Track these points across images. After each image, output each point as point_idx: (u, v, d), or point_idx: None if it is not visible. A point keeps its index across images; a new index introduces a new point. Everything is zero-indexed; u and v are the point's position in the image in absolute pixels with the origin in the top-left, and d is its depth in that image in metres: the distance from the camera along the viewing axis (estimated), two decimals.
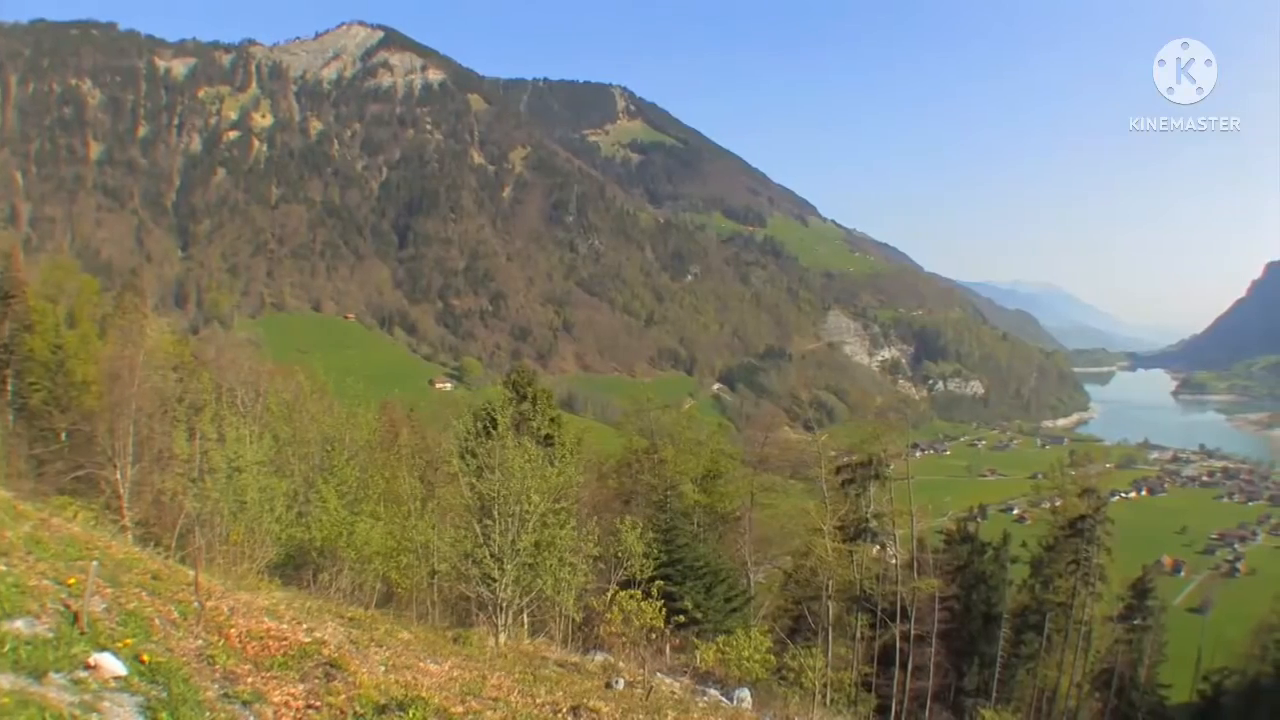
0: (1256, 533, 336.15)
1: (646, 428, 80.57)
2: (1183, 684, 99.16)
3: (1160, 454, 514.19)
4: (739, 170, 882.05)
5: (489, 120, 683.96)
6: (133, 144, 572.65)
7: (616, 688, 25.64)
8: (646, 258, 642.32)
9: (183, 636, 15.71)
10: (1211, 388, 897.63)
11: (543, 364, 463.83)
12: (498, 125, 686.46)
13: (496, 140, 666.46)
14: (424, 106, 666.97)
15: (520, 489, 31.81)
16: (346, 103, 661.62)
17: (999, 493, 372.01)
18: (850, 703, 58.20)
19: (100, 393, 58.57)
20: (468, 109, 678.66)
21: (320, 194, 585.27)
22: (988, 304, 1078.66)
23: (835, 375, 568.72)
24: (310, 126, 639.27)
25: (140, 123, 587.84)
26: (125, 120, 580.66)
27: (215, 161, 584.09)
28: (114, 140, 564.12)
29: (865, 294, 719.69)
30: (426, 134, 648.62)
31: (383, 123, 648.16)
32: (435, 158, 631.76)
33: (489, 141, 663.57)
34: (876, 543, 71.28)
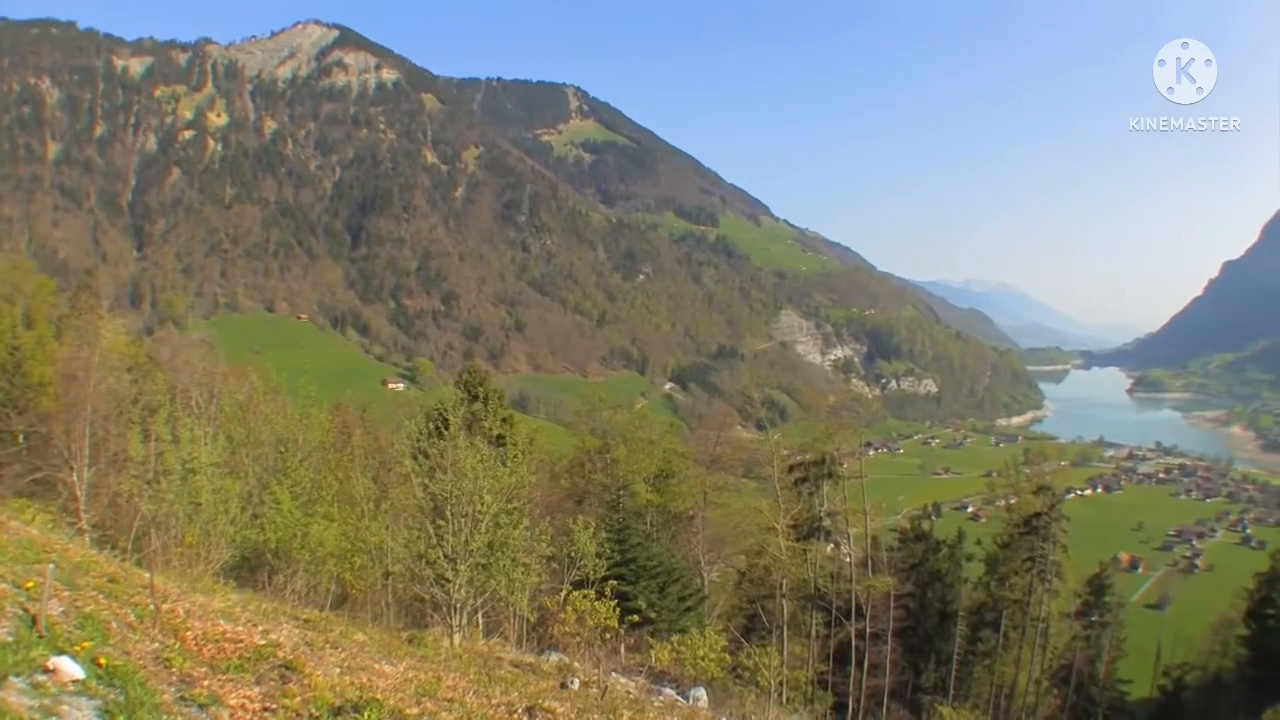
0: (1215, 529, 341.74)
1: (599, 427, 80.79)
2: (1143, 679, 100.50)
3: (1116, 452, 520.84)
4: (691, 170, 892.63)
5: (442, 120, 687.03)
6: (89, 143, 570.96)
7: (571, 688, 25.79)
8: (599, 257, 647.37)
9: (139, 639, 15.83)
10: (1167, 386, 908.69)
11: (495, 364, 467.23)
12: (451, 125, 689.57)
13: (449, 140, 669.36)
14: (378, 106, 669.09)
15: (473, 489, 31.96)
16: (301, 102, 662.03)
17: (953, 491, 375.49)
18: (807, 701, 58.60)
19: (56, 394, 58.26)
20: (421, 108, 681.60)
21: (274, 194, 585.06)
22: (941, 303, 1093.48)
23: (787, 374, 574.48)
24: (265, 126, 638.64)
25: (97, 122, 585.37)
26: (83, 119, 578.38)
27: (170, 161, 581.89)
28: (71, 139, 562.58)
29: (818, 293, 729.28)
30: (380, 133, 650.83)
31: (337, 122, 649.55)
32: (388, 157, 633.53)
33: (442, 141, 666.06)
34: (830, 541, 71.68)
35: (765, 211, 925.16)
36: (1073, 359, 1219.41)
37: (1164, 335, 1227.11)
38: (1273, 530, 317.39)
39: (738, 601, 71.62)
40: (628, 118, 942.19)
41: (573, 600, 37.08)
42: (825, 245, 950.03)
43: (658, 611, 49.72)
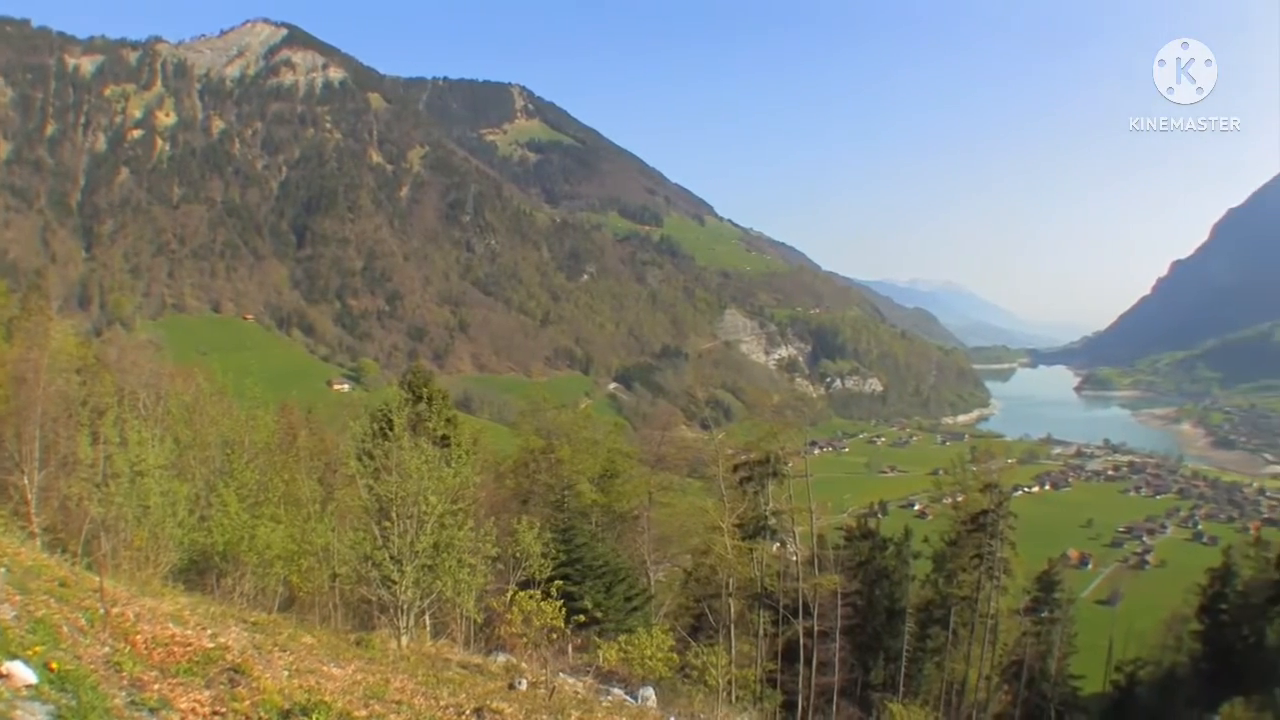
0: (1166, 525, 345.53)
1: (543, 427, 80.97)
2: (1095, 675, 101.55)
3: (1064, 449, 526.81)
4: (636, 170, 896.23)
5: (388, 119, 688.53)
6: (40, 143, 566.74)
7: (519, 689, 26.03)
8: (543, 257, 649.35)
9: (90, 643, 15.99)
10: (1115, 384, 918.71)
11: (439, 364, 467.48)
12: (397, 124, 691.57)
13: (395, 140, 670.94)
14: (324, 105, 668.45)
15: (417, 490, 32.08)
16: (248, 101, 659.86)
17: (899, 489, 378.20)
18: (756, 699, 59.04)
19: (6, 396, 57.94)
20: (367, 108, 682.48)
21: (221, 194, 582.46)
22: (886, 302, 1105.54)
23: (732, 374, 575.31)
24: (212, 125, 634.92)
25: (49, 121, 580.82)
26: (34, 119, 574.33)
27: (119, 161, 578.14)
28: (23, 139, 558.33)
29: (762, 293, 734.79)
30: (326, 133, 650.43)
31: (283, 121, 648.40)
32: (334, 157, 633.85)
33: (387, 141, 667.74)
34: (776, 540, 72.13)
35: (709, 211, 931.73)
36: (1019, 357, 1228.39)
37: (1112, 334, 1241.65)
38: (1224, 526, 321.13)
39: (684, 601, 71.96)
40: (573, 117, 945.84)
41: (519, 601, 37.01)
42: (769, 245, 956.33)
43: (604, 611, 49.91)
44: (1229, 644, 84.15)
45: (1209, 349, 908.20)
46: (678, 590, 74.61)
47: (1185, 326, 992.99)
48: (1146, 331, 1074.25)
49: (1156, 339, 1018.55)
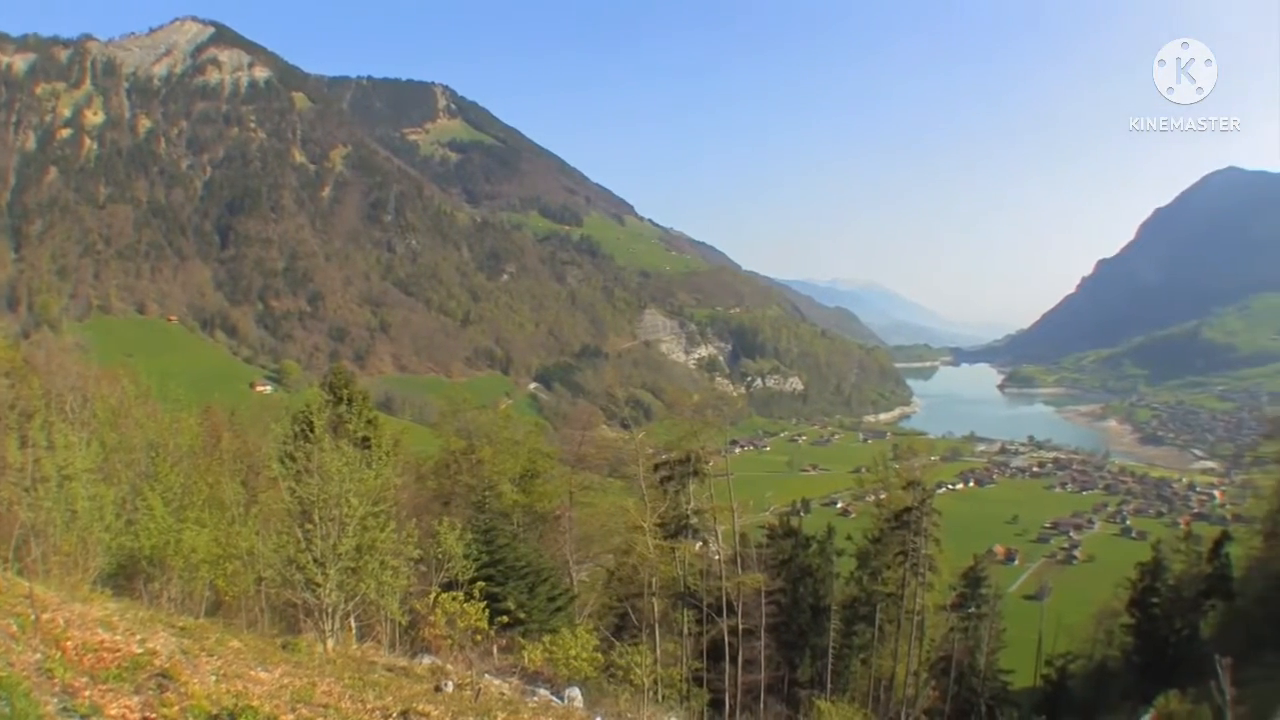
0: (1093, 520, 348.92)
1: (464, 428, 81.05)
2: (1026, 669, 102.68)
3: (988, 446, 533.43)
4: (557, 170, 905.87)
5: (311, 119, 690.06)
6: None
7: (446, 690, 26.38)
8: (463, 257, 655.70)
9: (22, 650, 16.23)
10: (1039, 381, 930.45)
11: (360, 365, 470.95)
12: (320, 124, 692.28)
13: (318, 139, 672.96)
14: (249, 105, 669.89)
15: (339, 492, 32.13)
16: (175, 100, 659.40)
17: (821, 487, 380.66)
18: (682, 698, 59.33)
19: None
20: (291, 107, 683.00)
21: (146, 193, 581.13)
22: (807, 302, 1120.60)
23: (652, 374, 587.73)
24: (139, 125, 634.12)
25: None
26: None
27: (48, 160, 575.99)
28: None
29: (682, 293, 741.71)
30: (250, 132, 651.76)
31: (209, 121, 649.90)
32: (258, 156, 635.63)
33: (311, 140, 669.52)
34: (698, 539, 72.23)
35: (630, 211, 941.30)
36: (942, 356, 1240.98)
37: (1035, 332, 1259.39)
38: (1153, 521, 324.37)
39: (608, 600, 71.97)
40: (495, 117, 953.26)
41: (442, 602, 37.44)
42: (689, 244, 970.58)
43: (528, 612, 50.18)
44: (1162, 637, 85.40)
45: (1135, 346, 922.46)
46: (601, 590, 74.41)
47: (1111, 324, 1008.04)
48: (1071, 330, 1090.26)
49: (1081, 337, 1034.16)
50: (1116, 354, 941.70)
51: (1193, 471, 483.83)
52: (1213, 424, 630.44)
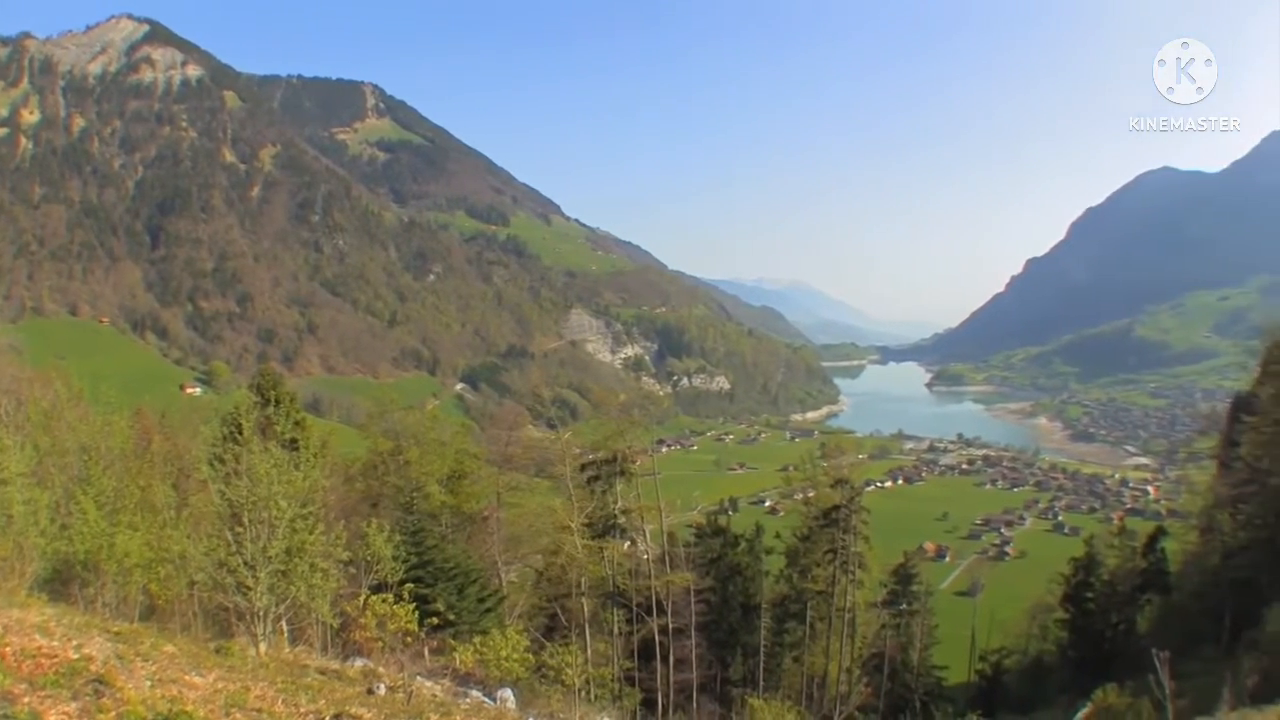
0: (1024, 517, 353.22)
1: (391, 429, 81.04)
2: (960, 665, 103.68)
3: (916, 444, 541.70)
4: (484, 169, 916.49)
5: (242, 118, 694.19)
6: None
7: (378, 693, 26.58)
8: (390, 258, 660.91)
9: None
10: (968, 379, 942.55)
11: (288, 366, 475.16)
12: (250, 123, 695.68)
13: (248, 138, 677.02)
14: (181, 103, 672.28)
15: (267, 494, 32.11)
16: (109, 99, 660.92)
17: (749, 486, 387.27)
18: (615, 698, 59.76)
19: None
20: (222, 106, 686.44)
21: (79, 193, 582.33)
22: (733, 301, 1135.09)
23: (578, 373, 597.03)
24: (73, 124, 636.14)
25: None
26: None
27: None
28: None
29: (608, 292, 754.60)
30: (182, 131, 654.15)
31: (141, 120, 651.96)
32: (189, 156, 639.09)
33: (241, 140, 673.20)
34: (626, 538, 72.61)
35: (556, 211, 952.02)
36: (869, 355, 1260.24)
37: (963, 331, 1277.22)
38: (1086, 517, 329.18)
39: (537, 601, 72.13)
40: (423, 116, 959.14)
41: (372, 605, 37.59)
42: (616, 244, 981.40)
43: (457, 613, 50.47)
44: (1097, 632, 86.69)
45: (1065, 344, 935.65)
46: (530, 590, 74.66)
47: (1041, 323, 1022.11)
48: (1000, 328, 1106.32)
49: (1010, 335, 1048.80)
50: (1046, 352, 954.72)
51: (1125, 468, 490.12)
52: (1145, 421, 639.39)
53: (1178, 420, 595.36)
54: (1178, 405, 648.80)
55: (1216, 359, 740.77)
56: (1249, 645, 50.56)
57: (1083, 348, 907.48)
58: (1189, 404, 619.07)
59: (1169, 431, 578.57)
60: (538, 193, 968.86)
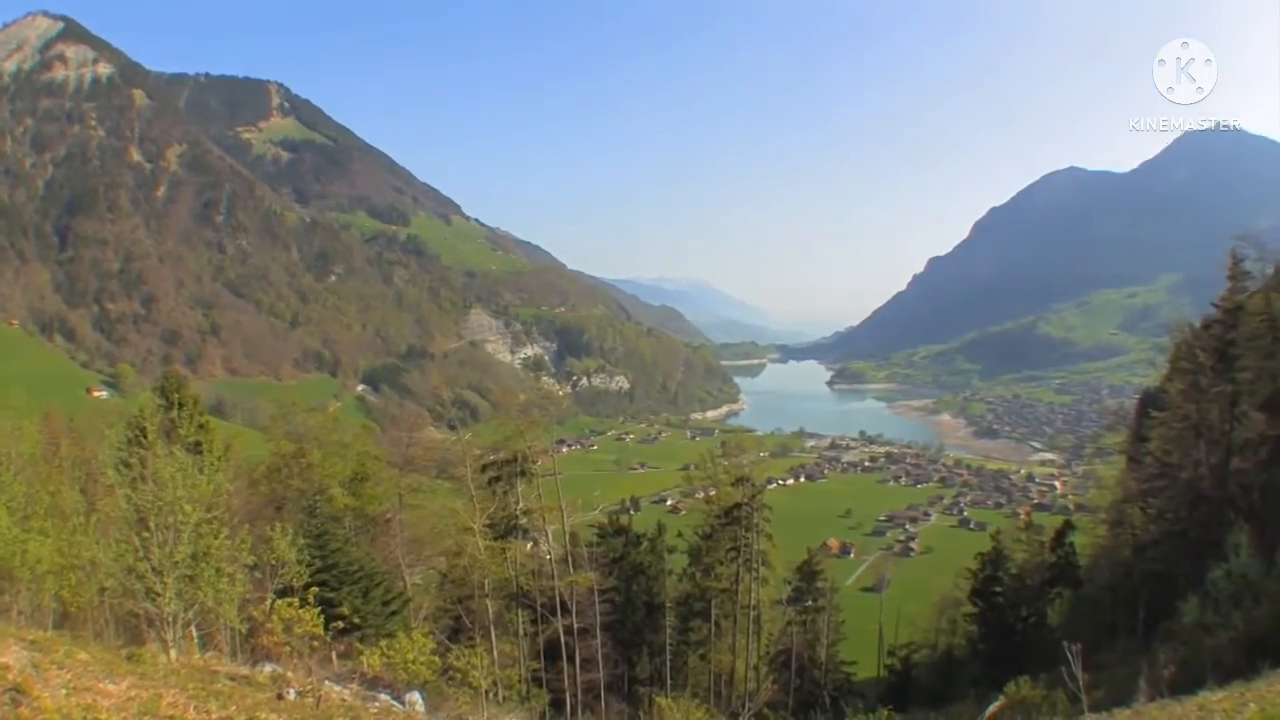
0: (929, 513, 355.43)
1: (293, 432, 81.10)
2: (869, 660, 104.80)
3: (818, 442, 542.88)
4: (385, 169, 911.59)
5: (149, 117, 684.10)
6: None
7: (288, 698, 26.85)
8: (292, 258, 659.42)
9: None
10: (869, 377, 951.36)
11: (192, 369, 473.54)
12: (157, 122, 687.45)
13: (155, 137, 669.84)
14: (91, 102, 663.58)
15: (172, 499, 32.08)
16: (22, 97, 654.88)
17: (650, 485, 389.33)
18: (522, 699, 60.26)
19: None
20: (131, 104, 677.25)
21: None
22: (632, 300, 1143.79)
23: (478, 374, 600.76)
24: None
25: None
26: None
27: None
28: None
29: (507, 292, 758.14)
30: (91, 130, 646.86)
31: (53, 118, 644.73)
32: (97, 155, 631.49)
33: (148, 139, 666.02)
34: (529, 539, 73.06)
35: (456, 210, 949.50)
36: (769, 353, 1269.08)
37: (864, 329, 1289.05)
38: (992, 513, 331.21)
39: (442, 603, 72.15)
40: (327, 115, 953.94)
41: (278, 609, 37.68)
42: (515, 244, 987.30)
43: (363, 616, 50.75)
44: (1008, 625, 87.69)
45: (968, 342, 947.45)
46: (434, 593, 74.74)
47: (943, 321, 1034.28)
48: (902, 326, 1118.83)
49: (912, 333, 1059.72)
50: (949, 350, 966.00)
51: (1031, 463, 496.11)
52: (1051, 417, 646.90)
53: (1084, 416, 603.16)
54: (1084, 401, 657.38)
55: (1124, 356, 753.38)
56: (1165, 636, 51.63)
57: (986, 345, 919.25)
58: (1096, 400, 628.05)
59: (1075, 427, 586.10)
60: (438, 192, 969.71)
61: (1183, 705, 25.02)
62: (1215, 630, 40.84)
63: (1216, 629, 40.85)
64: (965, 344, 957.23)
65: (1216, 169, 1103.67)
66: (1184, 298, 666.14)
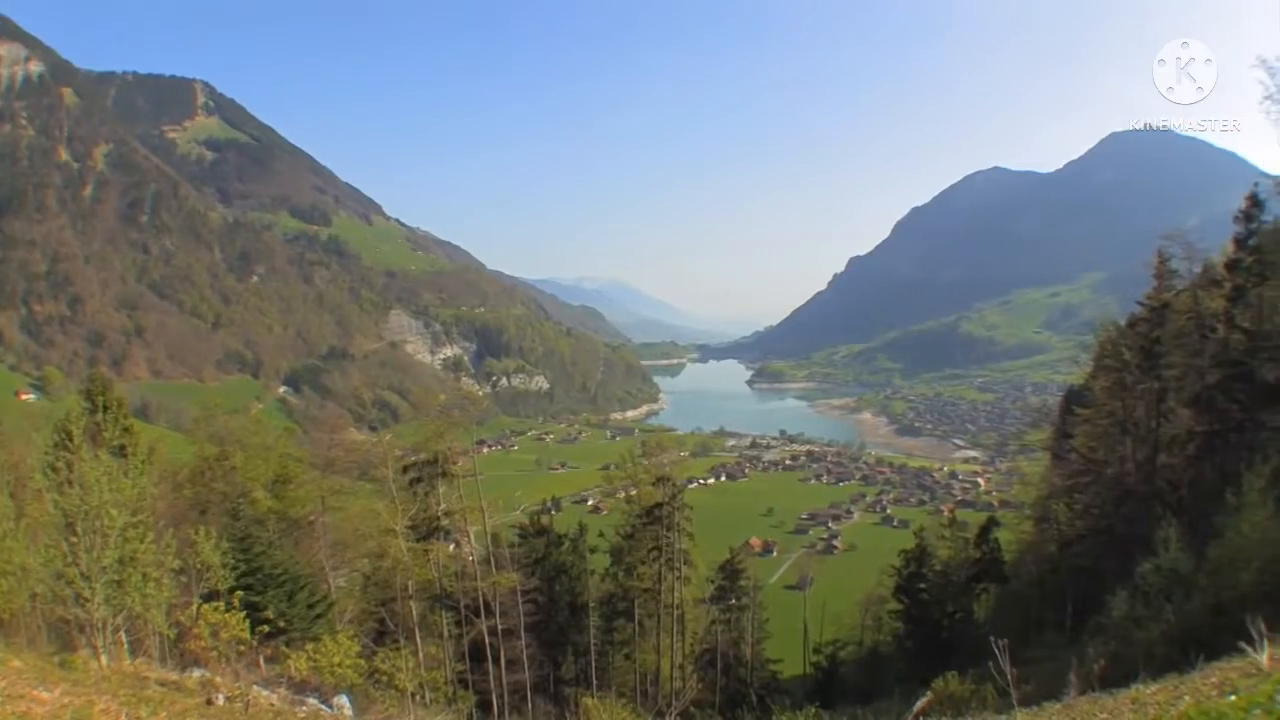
0: (852, 511, 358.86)
1: (216, 434, 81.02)
2: (795, 658, 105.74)
3: (738, 441, 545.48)
4: (307, 168, 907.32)
5: (78, 115, 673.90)
6: None
7: (217, 703, 27.04)
8: (215, 259, 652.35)
9: None
10: (789, 376, 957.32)
11: (118, 371, 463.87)
12: (85, 121, 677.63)
13: (83, 136, 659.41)
14: (22, 100, 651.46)
15: (99, 503, 32.05)
16: None
17: (571, 485, 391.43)
18: (449, 701, 60.52)
19: None
20: (60, 103, 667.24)
21: None
22: (551, 300, 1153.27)
23: (398, 375, 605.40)
24: None
25: None
26: None
27: None
28: None
29: (427, 292, 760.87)
30: (21, 129, 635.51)
31: None
32: (26, 155, 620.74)
33: (76, 138, 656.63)
34: (451, 540, 73.43)
35: (378, 210, 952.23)
36: (689, 353, 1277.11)
37: (784, 328, 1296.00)
38: (915, 510, 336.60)
39: (366, 605, 71.98)
40: (251, 114, 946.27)
41: (205, 614, 37.74)
42: (435, 244, 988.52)
43: (289, 620, 50.79)
44: (934, 621, 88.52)
45: (890, 340, 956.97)
46: (358, 595, 74.38)
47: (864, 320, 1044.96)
48: (822, 325, 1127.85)
49: (833, 332, 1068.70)
50: (870, 348, 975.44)
51: (954, 461, 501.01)
52: (974, 414, 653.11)
53: (1007, 414, 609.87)
54: (1007, 399, 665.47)
55: (1047, 354, 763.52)
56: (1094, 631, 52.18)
57: (907, 344, 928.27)
58: (1019, 398, 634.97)
59: (998, 425, 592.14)
60: (360, 192, 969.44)
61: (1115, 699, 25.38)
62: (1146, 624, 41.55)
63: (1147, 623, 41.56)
64: (886, 343, 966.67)
65: (1143, 169, 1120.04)
66: (1108, 296, 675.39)
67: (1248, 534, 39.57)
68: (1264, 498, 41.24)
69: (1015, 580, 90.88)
